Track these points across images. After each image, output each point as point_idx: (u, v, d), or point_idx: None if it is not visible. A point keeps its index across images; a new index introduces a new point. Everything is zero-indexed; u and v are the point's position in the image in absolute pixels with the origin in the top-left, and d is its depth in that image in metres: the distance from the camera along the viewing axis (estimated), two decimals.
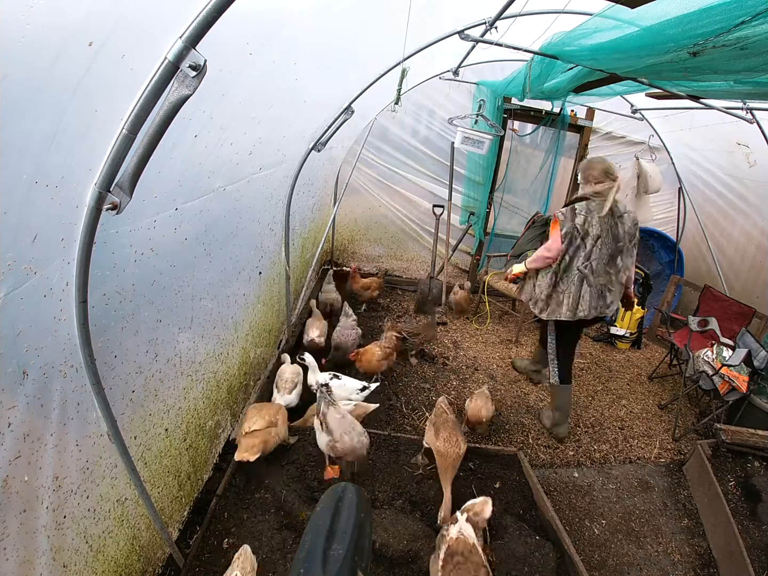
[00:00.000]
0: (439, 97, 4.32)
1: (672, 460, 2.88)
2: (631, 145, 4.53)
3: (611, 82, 2.37)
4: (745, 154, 3.65)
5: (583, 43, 1.87)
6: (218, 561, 1.81)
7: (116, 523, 1.39)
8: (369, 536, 1.01)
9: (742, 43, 1.23)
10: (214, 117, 1.43)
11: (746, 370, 2.94)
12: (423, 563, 1.81)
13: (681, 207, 4.65)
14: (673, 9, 1.34)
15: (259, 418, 2.12)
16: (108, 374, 1.26)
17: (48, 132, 0.84)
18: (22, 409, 0.97)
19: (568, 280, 2.58)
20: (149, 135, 0.95)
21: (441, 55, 2.92)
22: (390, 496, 2.17)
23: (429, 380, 3.33)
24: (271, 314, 2.95)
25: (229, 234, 2.06)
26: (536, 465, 2.66)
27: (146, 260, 1.37)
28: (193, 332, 1.83)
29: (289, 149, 2.47)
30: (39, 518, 1.05)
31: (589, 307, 2.56)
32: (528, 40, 2.32)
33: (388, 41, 2.25)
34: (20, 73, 0.73)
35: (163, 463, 1.68)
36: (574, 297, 2.57)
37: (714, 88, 1.91)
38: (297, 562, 0.97)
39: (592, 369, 3.84)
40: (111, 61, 0.87)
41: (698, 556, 2.26)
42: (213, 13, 0.86)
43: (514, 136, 4.47)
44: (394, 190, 4.69)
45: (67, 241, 0.99)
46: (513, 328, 4.22)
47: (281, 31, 1.48)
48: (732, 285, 4.17)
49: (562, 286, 2.60)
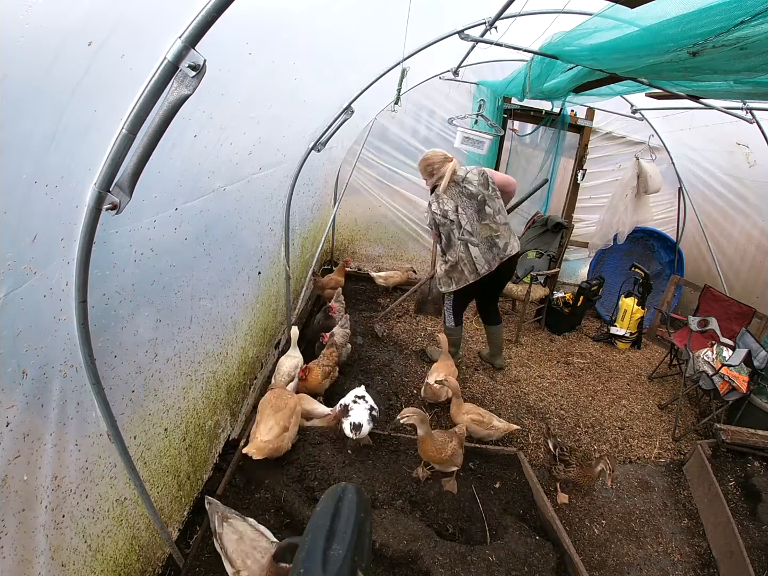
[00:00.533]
0: (439, 97, 4.32)
1: (672, 460, 2.88)
2: (631, 145, 4.53)
3: (611, 82, 2.37)
4: (745, 154, 3.65)
5: (582, 43, 1.87)
6: (218, 561, 1.81)
7: (115, 523, 1.39)
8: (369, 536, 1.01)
9: (741, 43, 1.23)
10: (213, 117, 1.43)
11: (746, 370, 2.93)
12: (423, 563, 1.81)
13: (681, 207, 4.64)
14: (672, 9, 1.33)
15: (275, 424, 2.10)
16: (108, 374, 1.26)
17: (48, 132, 0.84)
18: (22, 408, 0.97)
19: (455, 252, 2.93)
20: (149, 135, 0.95)
21: (441, 55, 2.92)
22: (390, 496, 2.16)
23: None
24: (270, 314, 2.96)
25: (228, 234, 2.06)
26: (536, 465, 2.66)
27: (146, 260, 1.37)
28: (193, 332, 1.83)
29: (289, 149, 2.47)
30: (38, 517, 1.05)
31: (486, 261, 2.90)
32: (528, 40, 2.32)
33: (388, 41, 2.25)
34: (20, 73, 0.73)
35: (163, 462, 1.68)
36: (468, 261, 2.91)
37: (714, 88, 1.91)
38: (297, 562, 0.97)
39: (592, 369, 3.84)
40: (110, 61, 0.87)
41: (698, 556, 2.26)
42: (212, 13, 0.86)
43: (514, 136, 4.47)
44: (394, 190, 4.69)
45: (67, 241, 0.99)
46: (513, 328, 4.22)
47: (281, 31, 1.48)
48: (732, 285, 4.17)
49: (453, 258, 2.95)
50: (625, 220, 4.36)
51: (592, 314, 4.81)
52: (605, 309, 4.72)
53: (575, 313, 4.38)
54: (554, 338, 4.30)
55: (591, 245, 4.71)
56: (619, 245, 4.55)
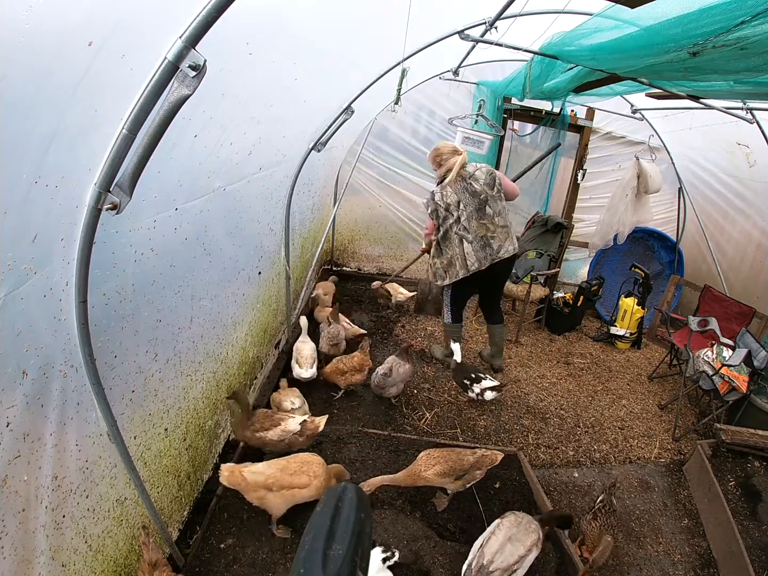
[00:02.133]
0: (439, 97, 4.31)
1: (672, 460, 2.88)
2: (631, 145, 4.53)
3: (611, 82, 2.37)
4: (745, 154, 3.65)
5: (583, 43, 1.87)
6: (218, 561, 1.81)
7: (116, 523, 1.39)
8: (369, 536, 1.01)
9: (742, 43, 1.23)
10: (214, 117, 1.43)
11: (746, 370, 2.93)
12: (423, 563, 1.81)
13: (681, 207, 4.64)
14: (673, 9, 1.33)
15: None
16: (108, 374, 1.26)
17: (48, 132, 0.84)
18: (22, 408, 0.97)
19: (450, 245, 3.00)
20: (149, 135, 0.95)
21: (441, 55, 2.92)
22: (390, 496, 2.17)
23: (429, 380, 3.33)
24: (270, 314, 2.96)
25: (229, 234, 2.06)
26: (536, 465, 2.66)
27: (146, 260, 1.37)
28: (193, 332, 1.83)
29: (289, 149, 2.47)
30: (38, 518, 1.05)
31: (477, 259, 2.94)
32: (528, 40, 2.32)
33: (388, 41, 2.25)
34: (20, 73, 0.73)
35: (163, 462, 1.68)
36: (460, 256, 2.97)
37: (714, 88, 1.91)
38: (297, 562, 0.97)
39: (592, 369, 3.84)
40: (111, 61, 0.87)
41: (698, 556, 2.26)
42: (213, 13, 0.86)
43: (514, 136, 4.47)
44: (394, 190, 4.69)
45: (67, 240, 0.99)
46: (513, 328, 4.22)
47: (281, 31, 1.48)
48: (732, 285, 4.17)
49: (448, 252, 3.02)
50: (625, 220, 4.36)
51: (592, 314, 4.81)
52: (605, 309, 4.72)
53: (575, 313, 4.38)
54: (554, 338, 4.30)
55: (591, 245, 4.71)
56: (619, 245, 4.55)
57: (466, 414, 3.02)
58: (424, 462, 2.10)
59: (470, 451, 2.23)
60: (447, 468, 2.09)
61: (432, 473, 2.07)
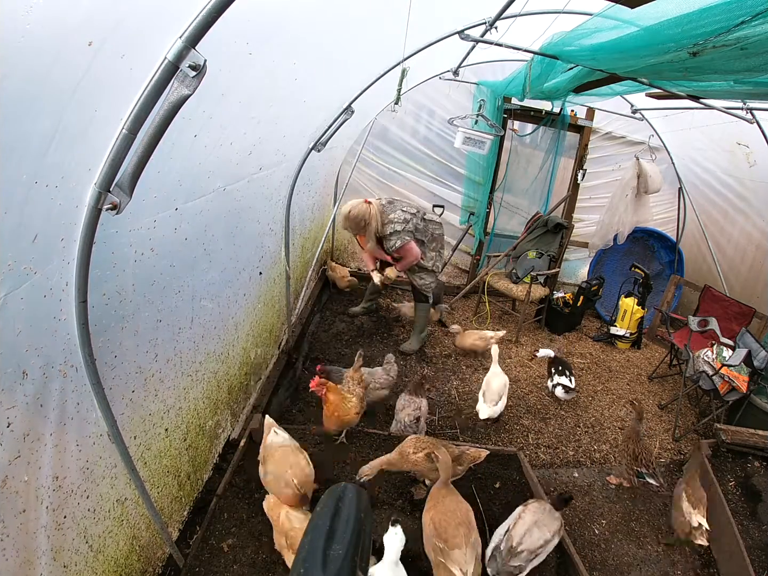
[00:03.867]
0: (439, 97, 4.31)
1: (672, 460, 2.88)
2: (631, 145, 4.53)
3: (611, 82, 2.37)
4: (745, 154, 3.65)
5: (583, 43, 1.87)
6: (218, 561, 1.81)
7: (116, 523, 1.39)
8: (369, 536, 1.01)
9: (742, 43, 1.23)
10: (214, 117, 1.43)
11: (746, 370, 2.93)
12: (423, 563, 1.81)
13: (681, 207, 4.64)
14: (673, 9, 1.33)
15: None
16: (108, 374, 1.26)
17: (48, 132, 0.84)
18: (22, 409, 0.97)
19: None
20: (149, 135, 0.95)
21: (441, 55, 2.92)
22: (390, 496, 2.17)
23: (429, 380, 3.33)
24: (271, 314, 2.95)
25: (229, 234, 2.06)
26: (536, 465, 2.66)
27: (146, 260, 1.37)
28: (194, 332, 1.83)
29: (289, 149, 2.47)
30: (39, 518, 1.05)
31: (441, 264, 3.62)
32: (528, 40, 2.32)
33: (388, 41, 2.25)
34: (20, 73, 0.73)
35: (163, 463, 1.68)
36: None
37: (714, 88, 1.91)
38: (297, 562, 0.97)
39: (592, 369, 3.84)
40: (111, 61, 0.87)
41: (698, 556, 2.26)
42: (213, 13, 0.86)
43: (514, 136, 4.47)
44: (394, 190, 4.69)
45: (67, 241, 0.99)
46: (513, 328, 4.22)
47: (281, 31, 1.48)
48: (732, 285, 4.17)
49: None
50: (625, 220, 4.36)
51: (592, 314, 4.82)
52: (605, 309, 4.73)
53: (575, 313, 4.38)
54: (554, 338, 4.30)
55: (591, 245, 4.71)
56: (619, 245, 4.55)
57: (466, 414, 3.03)
58: (413, 444, 2.12)
59: (455, 446, 2.23)
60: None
61: (421, 456, 2.09)
